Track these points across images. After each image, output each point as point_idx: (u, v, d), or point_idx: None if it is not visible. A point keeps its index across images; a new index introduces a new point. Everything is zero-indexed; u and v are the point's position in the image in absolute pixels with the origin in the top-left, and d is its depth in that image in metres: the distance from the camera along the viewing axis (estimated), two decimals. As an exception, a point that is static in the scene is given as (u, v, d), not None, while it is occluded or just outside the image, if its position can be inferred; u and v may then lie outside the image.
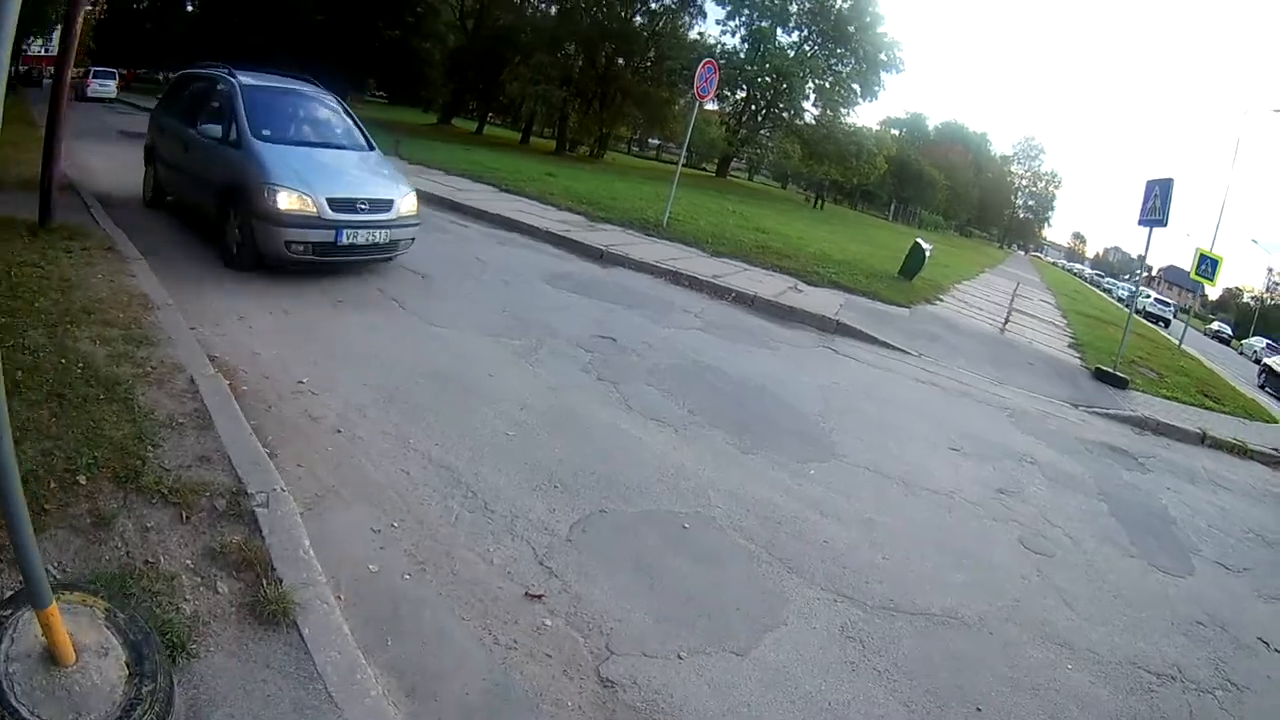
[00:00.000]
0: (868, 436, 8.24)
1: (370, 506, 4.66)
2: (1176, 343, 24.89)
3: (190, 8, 72.82)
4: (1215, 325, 67.35)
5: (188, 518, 3.90)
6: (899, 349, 12.58)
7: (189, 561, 3.61)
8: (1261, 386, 25.88)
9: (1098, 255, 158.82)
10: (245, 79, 10.39)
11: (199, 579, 3.51)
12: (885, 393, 10.19)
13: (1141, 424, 12.20)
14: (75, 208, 10.19)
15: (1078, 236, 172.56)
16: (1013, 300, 25.51)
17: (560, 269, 12.86)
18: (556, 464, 5.76)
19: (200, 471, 4.30)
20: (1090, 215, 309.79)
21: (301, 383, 6.27)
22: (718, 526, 5.46)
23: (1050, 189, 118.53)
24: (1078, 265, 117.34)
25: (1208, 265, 23.11)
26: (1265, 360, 31.01)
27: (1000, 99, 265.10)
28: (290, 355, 6.80)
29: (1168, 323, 47.43)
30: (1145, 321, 40.95)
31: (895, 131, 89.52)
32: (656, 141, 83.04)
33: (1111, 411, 12.39)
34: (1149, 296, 54.53)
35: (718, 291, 13.59)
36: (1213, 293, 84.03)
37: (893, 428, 8.77)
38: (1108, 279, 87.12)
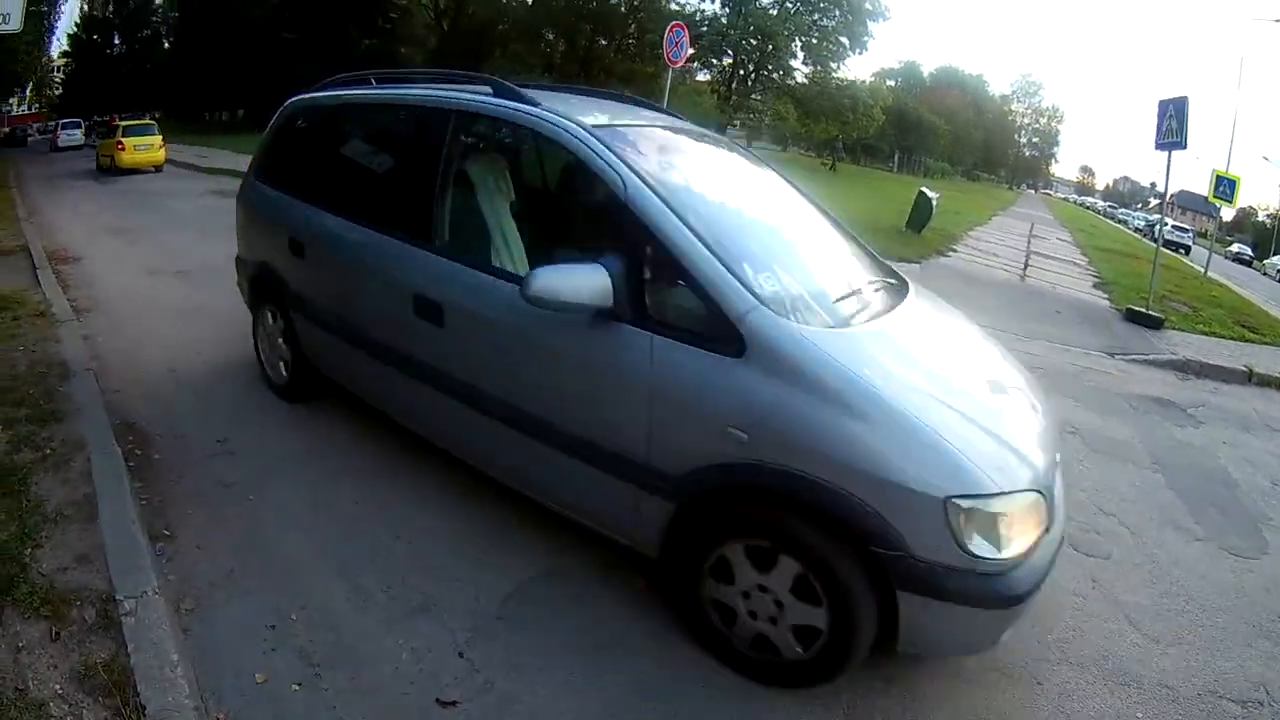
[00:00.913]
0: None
1: (271, 592, 3.88)
2: (1202, 270, 23.72)
3: (166, 45, 73.09)
4: (1235, 247, 65.43)
5: (58, 633, 3.34)
6: (913, 311, 11.56)
7: (58, 686, 3.08)
8: None
9: (1108, 186, 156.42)
10: (584, 115, 4.03)
11: (67, 707, 2.99)
12: None
13: (1184, 367, 11.18)
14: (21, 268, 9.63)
15: (1086, 170, 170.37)
16: (1029, 242, 24.45)
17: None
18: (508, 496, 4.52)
19: (77, 574, 3.73)
20: (1096, 147, 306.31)
21: (220, 442, 5.49)
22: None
23: (1053, 124, 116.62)
24: (1089, 199, 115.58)
25: (1225, 186, 21.87)
26: None
27: (992, 38, 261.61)
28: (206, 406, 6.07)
29: (1188, 249, 45.97)
30: (1166, 250, 39.93)
31: (890, 82, 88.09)
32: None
33: (1150, 357, 11.40)
34: (1166, 224, 53.07)
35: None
36: (1227, 214, 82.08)
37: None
38: (1121, 210, 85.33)
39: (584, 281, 3.28)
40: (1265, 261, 52.67)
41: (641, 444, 3.40)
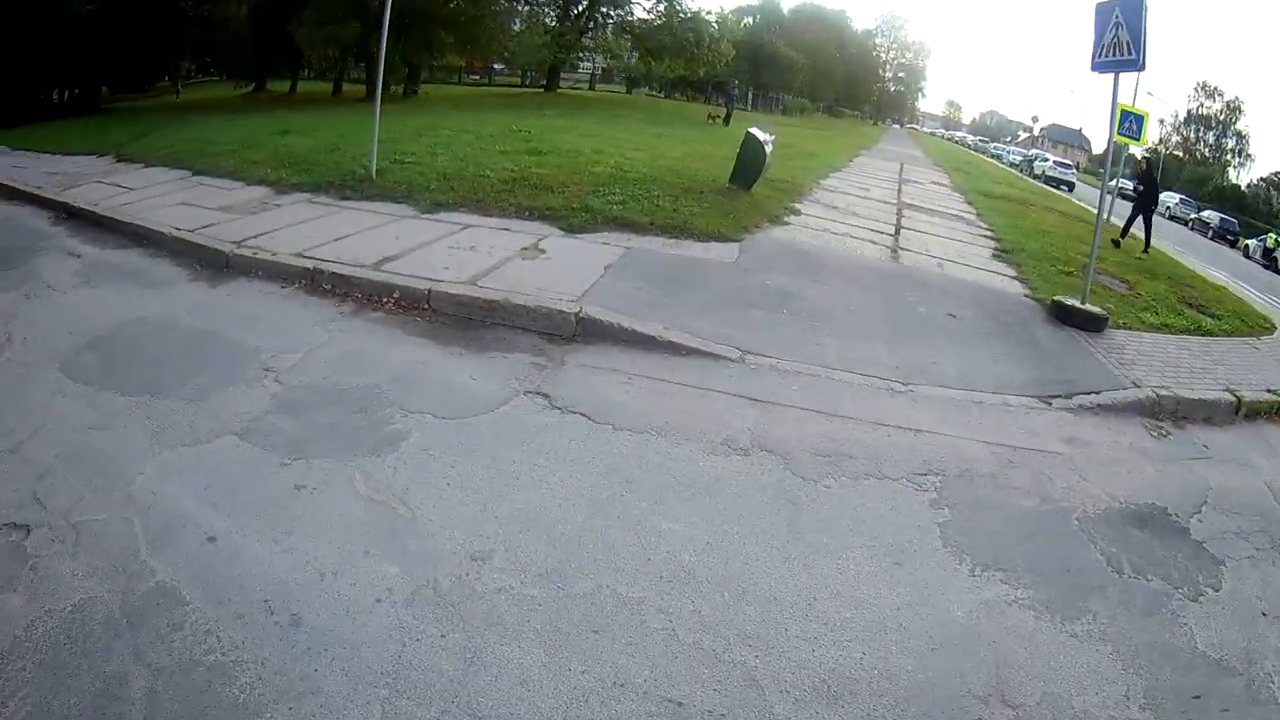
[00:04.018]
0: None
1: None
2: (1106, 217, 19.95)
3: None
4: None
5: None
6: (703, 352, 6.49)
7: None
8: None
9: (974, 120, 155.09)
10: None
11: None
12: (627, 557, 4.16)
13: (1156, 411, 6.96)
14: None
15: (952, 104, 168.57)
16: (900, 190, 19.63)
17: (129, 316, 6.86)
18: None
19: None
20: (962, 81, 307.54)
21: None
22: None
23: (919, 60, 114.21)
24: (957, 133, 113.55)
25: (1132, 122, 18.11)
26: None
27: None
28: None
29: (1072, 186, 43.26)
30: (1049, 188, 37.18)
31: (748, 20, 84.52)
32: (499, 66, 75.15)
33: (1106, 397, 6.99)
34: (1047, 160, 50.44)
35: (373, 294, 7.40)
36: (1096, 147, 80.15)
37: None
38: (994, 144, 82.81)
39: None
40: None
41: None
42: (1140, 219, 16.66)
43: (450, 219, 9.98)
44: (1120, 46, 8.61)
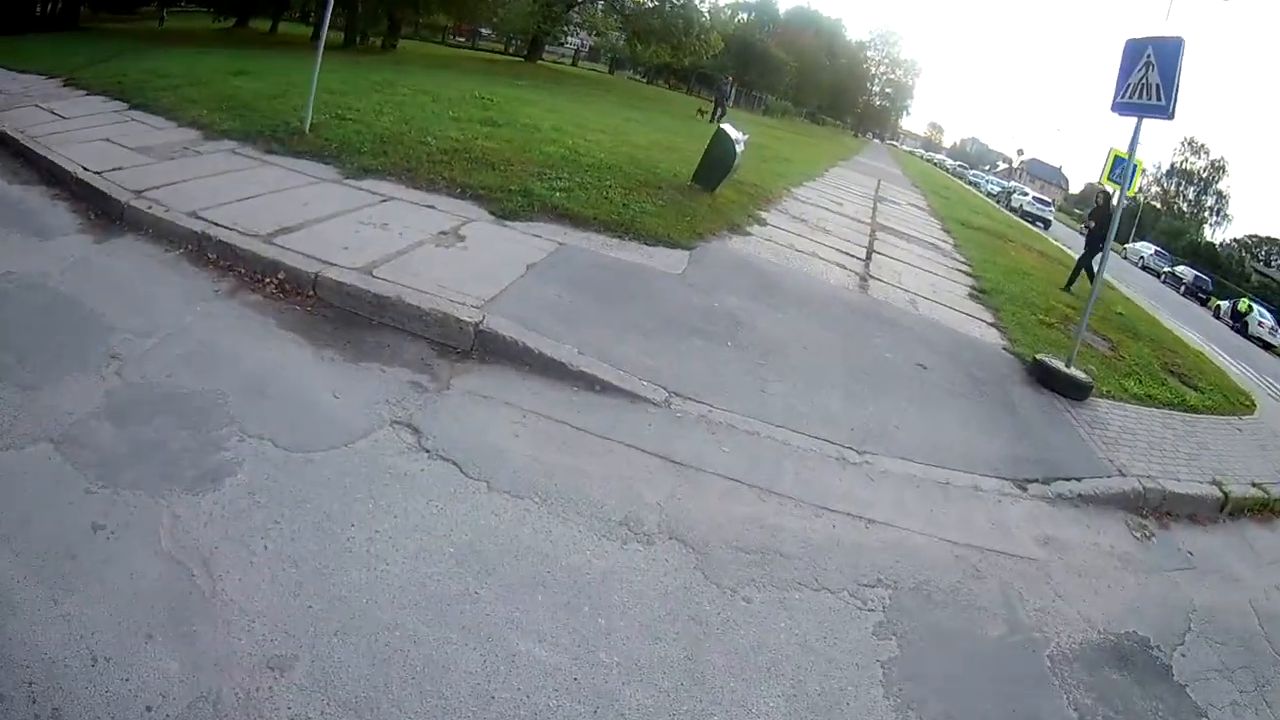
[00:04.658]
0: None
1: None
2: (1101, 273, 19.57)
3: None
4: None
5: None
6: (621, 390, 5.41)
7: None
8: None
9: (954, 145, 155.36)
10: None
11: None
12: (464, 690, 3.03)
13: (1140, 505, 6.11)
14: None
15: (934, 126, 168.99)
16: (875, 209, 18.63)
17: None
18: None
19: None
20: (947, 104, 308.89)
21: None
22: None
23: (908, 78, 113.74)
24: (937, 155, 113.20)
25: (1124, 169, 17.49)
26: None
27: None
28: None
29: (1048, 224, 43.18)
30: (1025, 224, 36.93)
31: (743, 16, 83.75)
32: (486, 31, 73.56)
33: (1088, 486, 6.05)
34: (1026, 194, 50.18)
35: (256, 272, 6.20)
36: (1074, 187, 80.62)
37: None
38: (972, 171, 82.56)
39: None
40: (1126, 246, 49.91)
41: None
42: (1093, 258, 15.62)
43: (373, 188, 8.79)
44: (1149, 90, 7.65)
